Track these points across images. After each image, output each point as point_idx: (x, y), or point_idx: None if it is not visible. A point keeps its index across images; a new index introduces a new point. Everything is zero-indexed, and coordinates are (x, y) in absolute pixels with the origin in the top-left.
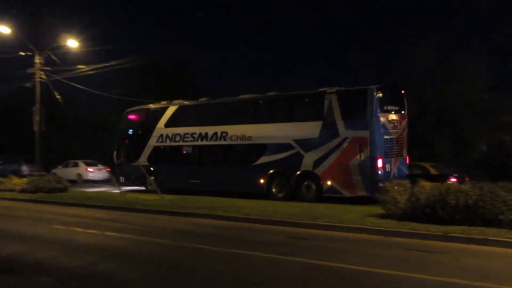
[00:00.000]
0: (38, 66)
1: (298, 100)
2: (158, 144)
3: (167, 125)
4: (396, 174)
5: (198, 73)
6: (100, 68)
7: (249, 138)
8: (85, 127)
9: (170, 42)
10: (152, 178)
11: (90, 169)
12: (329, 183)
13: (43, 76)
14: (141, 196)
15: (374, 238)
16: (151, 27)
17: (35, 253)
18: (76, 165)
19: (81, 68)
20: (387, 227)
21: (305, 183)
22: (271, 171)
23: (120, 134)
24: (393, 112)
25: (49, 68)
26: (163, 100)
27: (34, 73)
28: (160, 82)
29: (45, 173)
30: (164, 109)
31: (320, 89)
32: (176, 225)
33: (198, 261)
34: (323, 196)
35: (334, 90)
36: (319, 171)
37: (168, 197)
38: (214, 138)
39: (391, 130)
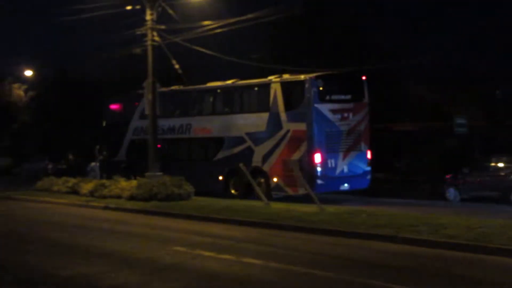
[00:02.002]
0: (149, 24)
1: (249, 90)
2: (133, 137)
3: (142, 116)
4: (347, 170)
5: (373, 30)
6: (232, 23)
7: (209, 131)
8: None
9: None
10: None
11: None
12: (275, 180)
13: (156, 38)
14: (294, 207)
15: None
16: None
17: (149, 285)
18: None
19: (206, 25)
20: None
21: (257, 180)
22: (227, 168)
23: (102, 126)
24: (341, 102)
25: (163, 27)
26: (320, 67)
27: (145, 34)
28: (317, 40)
29: (160, 173)
30: (139, 98)
31: (269, 78)
32: (343, 251)
33: None
34: (271, 195)
35: (278, 79)
36: (266, 167)
37: (331, 209)
38: (181, 131)
39: (338, 122)
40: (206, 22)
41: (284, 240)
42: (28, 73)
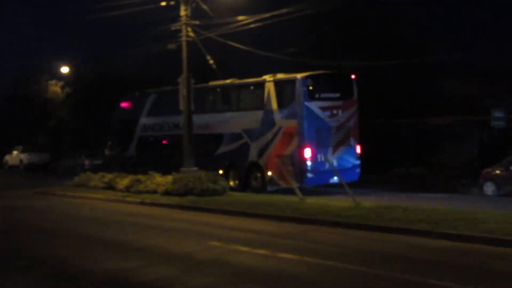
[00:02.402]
0: (184, 19)
1: (245, 89)
2: (142, 134)
3: (149, 114)
4: (336, 164)
5: (407, 24)
6: (266, 18)
7: (210, 127)
8: None
9: None
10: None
11: None
12: (270, 174)
13: (191, 33)
14: (329, 202)
15: None
16: None
17: (185, 279)
18: None
19: (240, 20)
20: None
21: (253, 174)
22: (227, 162)
23: (114, 123)
24: (330, 100)
25: (197, 22)
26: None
27: (179, 30)
28: (353, 34)
29: (195, 168)
30: (147, 96)
31: (263, 77)
32: (379, 246)
33: None
34: (266, 188)
35: (272, 78)
36: (262, 161)
37: (366, 203)
38: (182, 128)
39: (327, 119)
40: (240, 17)
41: (320, 235)
42: (65, 69)
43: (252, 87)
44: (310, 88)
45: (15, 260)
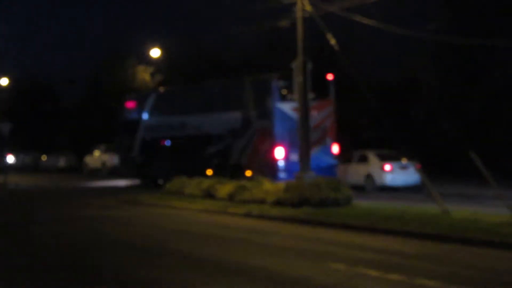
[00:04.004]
0: None
1: (226, 89)
2: (144, 135)
3: (151, 114)
4: (311, 164)
5: None
6: None
7: (198, 128)
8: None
9: None
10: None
11: (387, 166)
12: (249, 173)
13: (307, 8)
14: (480, 216)
15: None
16: None
17: None
18: (363, 159)
19: None
20: None
21: (237, 174)
22: (216, 162)
23: (120, 123)
24: None
25: None
26: None
27: (294, 4)
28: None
29: (313, 173)
30: (149, 96)
31: (242, 78)
32: None
33: None
34: None
35: (248, 79)
36: (242, 161)
37: None
38: (176, 128)
39: None
40: None
41: (469, 257)
42: (155, 52)
43: (232, 88)
44: (282, 88)
45: (97, 282)
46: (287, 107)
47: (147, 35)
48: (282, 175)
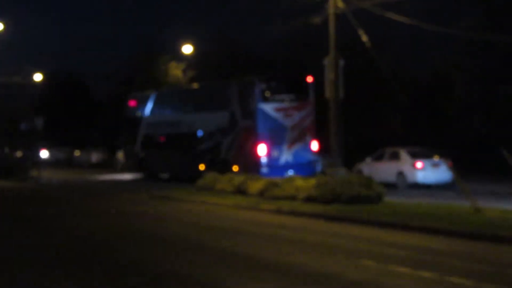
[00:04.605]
0: None
1: (216, 90)
2: (146, 131)
3: (152, 112)
4: (291, 160)
5: None
6: None
7: (192, 126)
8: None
9: None
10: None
11: (418, 163)
12: (235, 168)
13: (340, 4)
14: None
15: None
16: None
17: None
18: (394, 156)
19: None
20: None
21: (225, 168)
22: (208, 158)
23: (124, 120)
24: (285, 102)
25: None
26: None
27: (326, 1)
28: None
29: (344, 169)
30: (150, 95)
31: (229, 80)
32: None
33: None
34: None
35: (235, 81)
36: (229, 157)
37: None
38: (172, 126)
39: (282, 119)
40: None
41: (501, 256)
42: (187, 49)
43: (220, 89)
44: (264, 90)
45: (134, 276)
46: (270, 108)
47: (179, 32)
48: (264, 170)
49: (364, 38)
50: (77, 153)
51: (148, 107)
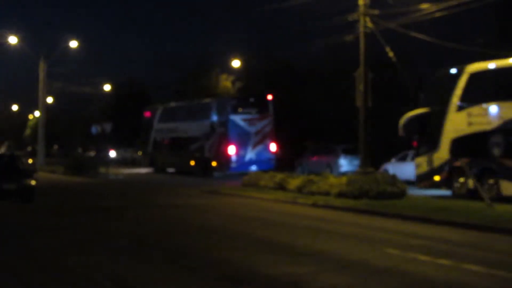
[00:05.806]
0: (362, 9)
1: (202, 105)
2: (155, 136)
3: (160, 121)
4: (254, 157)
5: None
6: (454, 6)
7: (185, 132)
8: None
9: None
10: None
11: None
12: (213, 164)
13: (369, 24)
14: None
15: None
16: None
17: None
18: None
19: (423, 9)
20: None
21: (207, 164)
22: (196, 156)
23: (140, 127)
24: (249, 114)
25: (376, 12)
26: None
27: (357, 21)
28: None
29: (372, 170)
30: (158, 107)
31: (209, 99)
32: None
33: None
34: (213, 174)
35: (214, 100)
36: (210, 155)
37: None
38: (173, 131)
39: (247, 127)
40: (424, 6)
41: (508, 246)
42: (236, 63)
43: (205, 105)
44: (235, 106)
45: (183, 261)
46: (238, 118)
47: (229, 48)
48: (233, 165)
49: (390, 54)
50: (140, 153)
51: (157, 117)
